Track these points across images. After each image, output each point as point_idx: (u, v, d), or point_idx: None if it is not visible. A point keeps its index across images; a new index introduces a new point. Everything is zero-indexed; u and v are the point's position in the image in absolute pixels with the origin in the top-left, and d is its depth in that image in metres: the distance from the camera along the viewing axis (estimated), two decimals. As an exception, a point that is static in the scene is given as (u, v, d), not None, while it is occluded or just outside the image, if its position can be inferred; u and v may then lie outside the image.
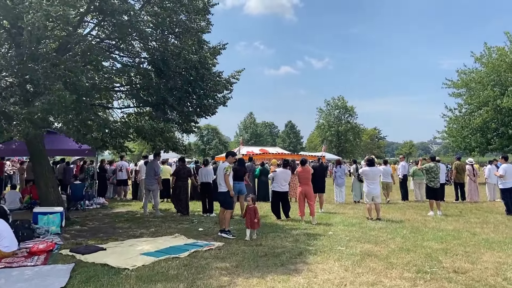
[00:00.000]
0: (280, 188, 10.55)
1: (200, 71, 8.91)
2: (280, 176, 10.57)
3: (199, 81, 8.98)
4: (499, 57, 28.60)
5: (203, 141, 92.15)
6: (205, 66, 9.23)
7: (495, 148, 28.45)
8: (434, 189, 11.56)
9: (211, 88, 9.43)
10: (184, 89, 9.15)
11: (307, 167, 10.40)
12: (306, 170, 10.33)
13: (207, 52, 9.57)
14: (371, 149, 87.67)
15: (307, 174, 10.25)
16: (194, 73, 8.85)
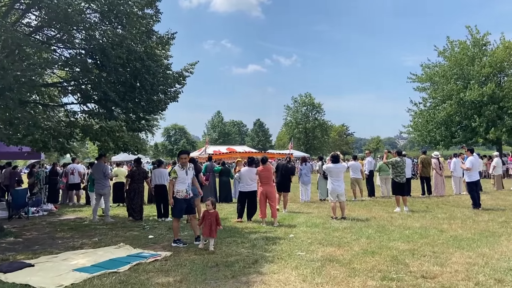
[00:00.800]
0: (246, 188, 9.88)
1: (146, 62, 8.04)
2: (245, 175, 9.90)
3: (145, 74, 8.11)
4: (461, 51, 29.09)
5: (170, 141, 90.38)
6: (153, 58, 8.37)
7: (459, 141, 28.90)
8: (401, 184, 11.20)
9: (159, 82, 8.58)
10: (129, 83, 8.26)
11: (268, 166, 9.75)
12: (267, 168, 9.68)
13: (154, 42, 8.70)
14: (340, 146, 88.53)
15: (268, 173, 9.61)
16: (139, 65, 7.98)
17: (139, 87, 8.30)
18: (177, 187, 7.23)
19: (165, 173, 10.28)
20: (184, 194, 7.24)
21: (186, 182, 7.31)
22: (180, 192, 7.22)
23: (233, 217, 10.26)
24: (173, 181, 7.25)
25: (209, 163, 14.18)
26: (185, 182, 7.30)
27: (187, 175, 7.32)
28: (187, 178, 7.34)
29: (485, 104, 27.16)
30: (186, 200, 7.29)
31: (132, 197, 10.05)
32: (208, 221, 6.74)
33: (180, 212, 7.31)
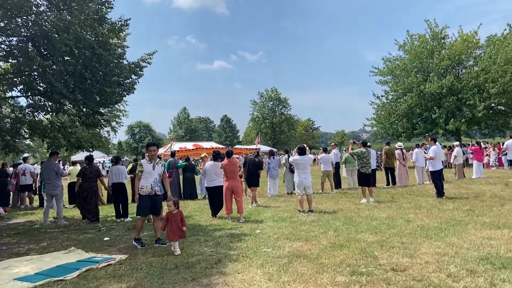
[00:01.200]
0: (210, 183, 9.49)
1: (97, 51, 7.42)
2: (210, 170, 9.51)
3: (96, 63, 7.48)
4: (421, 44, 29.71)
5: (135, 139, 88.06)
6: (105, 47, 7.74)
7: (420, 132, 29.55)
8: (366, 175, 11.12)
9: (112, 72, 7.97)
10: (78, 73, 7.60)
11: (233, 160, 9.35)
12: (232, 163, 9.27)
13: (105, 29, 8.07)
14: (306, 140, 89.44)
15: (233, 168, 9.21)
16: (90, 53, 7.35)
17: (91, 78, 7.65)
18: (142, 182, 6.69)
19: (123, 171, 9.68)
20: (148, 191, 6.68)
21: (152, 177, 6.70)
22: (144, 188, 6.67)
23: (197, 215, 9.82)
24: (139, 175, 6.70)
25: (172, 159, 13.63)
26: (151, 177, 6.69)
27: (153, 170, 6.73)
28: (153, 173, 6.72)
29: (444, 96, 27.88)
30: (151, 197, 6.68)
31: (85, 198, 9.36)
32: (174, 223, 6.14)
33: (144, 210, 6.72)
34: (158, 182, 6.78)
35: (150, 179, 6.68)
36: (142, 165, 6.76)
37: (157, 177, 6.77)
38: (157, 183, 6.75)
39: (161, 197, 6.92)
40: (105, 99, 8.33)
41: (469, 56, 29.70)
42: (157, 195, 6.78)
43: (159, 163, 6.87)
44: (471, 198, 10.64)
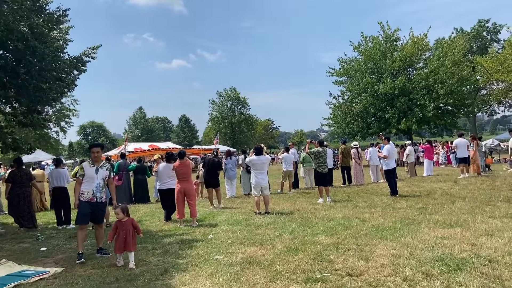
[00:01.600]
0: (163, 186, 9.05)
1: (31, 43, 6.73)
2: (162, 172, 9.09)
3: (29, 57, 6.80)
4: (374, 46, 30.48)
5: (88, 140, 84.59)
6: (41, 39, 7.06)
7: (374, 131, 30.31)
8: (323, 174, 11.05)
9: (49, 67, 7.29)
10: (10, 67, 6.89)
11: (186, 161, 8.90)
12: (185, 164, 8.83)
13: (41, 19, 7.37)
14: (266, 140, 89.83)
15: (186, 169, 8.77)
16: (22, 45, 6.66)
17: (24, 73, 6.95)
18: (83, 187, 6.04)
19: (64, 174, 8.97)
20: (89, 197, 6.03)
21: (95, 182, 6.06)
22: (85, 194, 6.02)
23: (147, 220, 9.29)
24: (80, 179, 6.04)
25: (122, 161, 12.93)
26: (93, 182, 6.06)
27: (96, 174, 6.10)
28: (96, 178, 6.09)
29: (397, 96, 28.75)
30: (91, 204, 6.03)
31: (16, 205, 8.54)
32: (123, 233, 5.46)
33: (83, 218, 6.02)
34: (102, 188, 6.17)
35: (92, 184, 6.07)
36: (84, 168, 6.13)
37: (101, 182, 6.15)
38: (100, 188, 6.13)
39: (104, 204, 6.30)
40: (41, 96, 7.59)
41: (419, 58, 30.85)
42: (99, 202, 6.15)
43: (103, 167, 6.26)
44: (423, 196, 10.83)
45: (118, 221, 5.64)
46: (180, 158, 8.93)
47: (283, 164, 14.03)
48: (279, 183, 14.06)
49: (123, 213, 5.63)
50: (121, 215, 5.61)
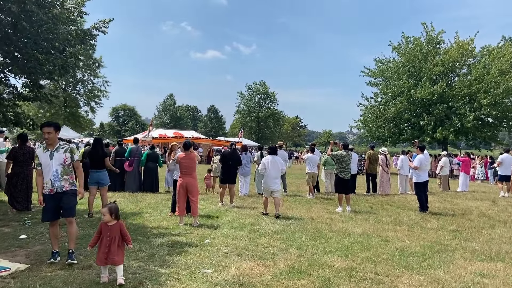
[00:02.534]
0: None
1: (28, 6, 6.02)
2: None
3: (23, 21, 6.10)
4: (415, 48, 28.76)
5: (119, 122, 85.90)
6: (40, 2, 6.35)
7: (406, 138, 28.73)
8: (344, 180, 10.01)
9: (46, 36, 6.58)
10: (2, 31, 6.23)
11: (191, 154, 8.06)
12: (190, 157, 7.97)
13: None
14: (292, 137, 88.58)
15: (190, 162, 7.92)
16: (17, 8, 5.96)
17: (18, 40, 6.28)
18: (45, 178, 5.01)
19: None
20: (49, 188, 4.98)
21: (51, 170, 4.96)
22: (45, 185, 5.00)
23: (148, 213, 8.55)
24: (39, 170, 5.03)
25: (134, 146, 12.30)
26: (49, 170, 4.97)
27: (51, 160, 4.98)
28: (51, 165, 4.97)
29: (435, 103, 27.04)
30: (54, 197, 4.98)
31: (14, 184, 8.00)
32: (107, 240, 4.34)
33: (46, 214, 5.05)
34: (61, 175, 5.01)
35: (49, 173, 4.97)
36: (38, 156, 5.07)
37: (59, 169, 5.00)
38: (59, 176, 4.99)
39: (70, 194, 5.08)
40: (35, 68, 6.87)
41: (463, 64, 28.91)
42: (62, 192, 5.01)
43: (59, 149, 5.05)
44: (457, 216, 9.62)
45: (103, 224, 4.46)
46: (185, 150, 8.08)
47: (307, 166, 12.96)
48: (307, 186, 12.88)
49: (110, 215, 4.43)
50: (108, 216, 4.43)
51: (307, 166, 13.01)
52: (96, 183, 7.82)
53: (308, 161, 12.92)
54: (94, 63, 42.05)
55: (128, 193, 11.48)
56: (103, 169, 7.88)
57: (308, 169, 12.90)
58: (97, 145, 7.95)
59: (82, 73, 42.36)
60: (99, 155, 7.81)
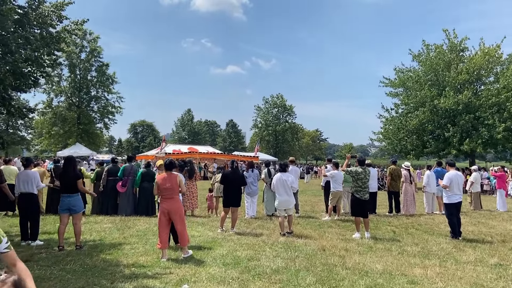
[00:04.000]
0: None
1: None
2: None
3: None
4: (437, 55, 27.25)
5: (137, 138, 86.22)
6: None
7: (430, 151, 27.03)
8: (362, 201, 8.67)
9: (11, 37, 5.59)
10: None
11: (172, 174, 6.84)
12: (170, 178, 6.75)
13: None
14: (313, 151, 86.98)
15: (171, 184, 6.69)
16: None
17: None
18: None
19: (33, 177, 7.28)
20: None
21: None
22: None
23: (129, 244, 7.40)
24: None
25: (127, 165, 11.24)
26: None
27: None
28: None
29: (460, 113, 25.34)
30: None
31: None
32: None
33: None
34: None
35: None
36: None
37: None
38: None
39: None
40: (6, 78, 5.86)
41: (489, 71, 27.16)
42: None
43: None
44: (496, 243, 8.14)
45: None
46: (166, 170, 6.87)
47: (332, 184, 11.54)
48: (329, 206, 11.53)
49: None
50: None
51: (331, 184, 11.58)
52: (68, 209, 6.72)
53: (334, 178, 11.45)
54: (108, 79, 41.91)
55: (120, 217, 10.41)
56: (76, 193, 6.78)
57: (333, 187, 11.48)
58: (67, 166, 6.85)
59: (96, 89, 42.30)
60: (69, 177, 6.72)
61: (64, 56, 39.95)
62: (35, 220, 7.14)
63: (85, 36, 41.25)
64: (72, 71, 40.80)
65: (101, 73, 41.41)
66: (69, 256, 6.27)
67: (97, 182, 11.25)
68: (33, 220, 7.14)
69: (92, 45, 41.22)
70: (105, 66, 41.78)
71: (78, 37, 9.41)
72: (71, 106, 41.68)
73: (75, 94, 41.16)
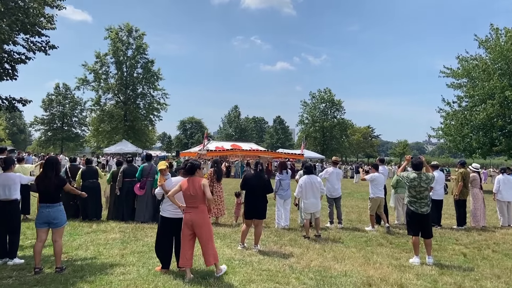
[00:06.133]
0: (171, 213, 5.74)
1: None
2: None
3: None
4: (508, 40, 23.76)
5: (186, 135, 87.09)
6: None
7: (500, 150, 23.68)
8: (418, 216, 6.72)
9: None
10: None
11: (195, 178, 5.47)
12: (194, 183, 5.39)
13: None
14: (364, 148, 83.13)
15: (196, 191, 5.34)
16: None
17: None
18: None
19: (13, 179, 6.03)
20: None
21: None
22: None
23: (128, 265, 6.04)
24: None
25: (146, 164, 9.95)
26: None
27: None
28: None
29: (537, 106, 21.90)
30: None
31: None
32: None
33: None
34: None
35: None
36: None
37: None
38: None
39: None
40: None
41: None
42: None
43: None
44: None
45: None
46: (188, 173, 5.55)
47: (371, 189, 9.74)
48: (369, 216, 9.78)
49: None
50: None
51: (370, 189, 9.81)
52: (46, 223, 5.45)
53: (374, 181, 9.68)
54: (153, 76, 41.84)
55: (135, 224, 9.18)
56: (57, 203, 5.48)
57: (372, 193, 9.69)
58: (48, 169, 5.52)
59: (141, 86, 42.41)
60: (50, 184, 5.42)
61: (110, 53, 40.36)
62: (15, 233, 5.95)
63: (131, 34, 41.43)
64: (118, 68, 41.14)
65: (147, 70, 41.39)
66: (40, 284, 4.98)
67: (114, 183, 10.13)
68: (13, 234, 5.94)
69: (138, 42, 41.31)
70: (150, 63, 41.75)
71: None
72: (118, 103, 42.06)
73: (122, 91, 41.47)
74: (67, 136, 58.49)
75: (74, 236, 7.82)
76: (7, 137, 55.46)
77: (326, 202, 10.26)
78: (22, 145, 79.69)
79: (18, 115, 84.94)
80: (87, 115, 51.61)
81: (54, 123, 58.47)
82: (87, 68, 40.02)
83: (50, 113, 58.36)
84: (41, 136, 59.56)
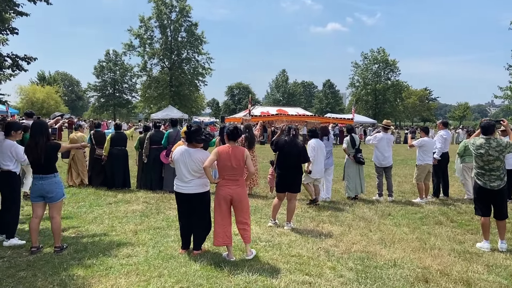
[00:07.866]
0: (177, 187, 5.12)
1: None
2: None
3: None
4: None
5: (234, 101, 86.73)
6: None
7: None
8: (487, 192, 5.36)
9: None
10: None
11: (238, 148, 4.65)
12: (236, 153, 4.60)
13: None
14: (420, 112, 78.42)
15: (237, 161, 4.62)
16: None
17: None
18: None
19: (11, 149, 5.34)
20: None
21: None
22: None
23: (141, 245, 5.30)
24: None
25: (172, 131, 9.15)
26: None
27: None
28: None
29: None
30: None
31: None
32: None
33: None
34: None
35: None
36: None
37: None
38: None
39: None
40: None
41: None
42: None
43: None
44: None
45: None
46: (230, 139, 4.75)
47: (418, 154, 8.47)
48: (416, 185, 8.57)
49: None
50: None
51: (418, 154, 8.49)
52: (41, 197, 4.77)
53: (422, 147, 8.35)
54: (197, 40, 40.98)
55: (163, 194, 8.52)
56: (50, 173, 4.76)
57: (419, 159, 8.41)
58: (37, 134, 4.76)
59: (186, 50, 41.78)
60: (40, 151, 4.67)
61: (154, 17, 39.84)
62: (8, 209, 5.29)
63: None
64: (163, 33, 40.69)
65: (191, 33, 40.57)
66: (29, 268, 4.34)
67: (141, 150, 9.51)
68: (8, 211, 5.29)
69: (181, 4, 40.34)
70: (194, 26, 40.81)
71: None
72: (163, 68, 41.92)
73: (167, 56, 41.14)
74: (119, 103, 60.02)
75: (93, 207, 7.26)
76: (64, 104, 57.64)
77: (374, 171, 9.03)
78: (80, 111, 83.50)
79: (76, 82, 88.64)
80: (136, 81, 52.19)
81: (106, 89, 60.04)
82: (132, 33, 39.91)
83: (102, 79, 59.84)
84: (95, 103, 61.62)
